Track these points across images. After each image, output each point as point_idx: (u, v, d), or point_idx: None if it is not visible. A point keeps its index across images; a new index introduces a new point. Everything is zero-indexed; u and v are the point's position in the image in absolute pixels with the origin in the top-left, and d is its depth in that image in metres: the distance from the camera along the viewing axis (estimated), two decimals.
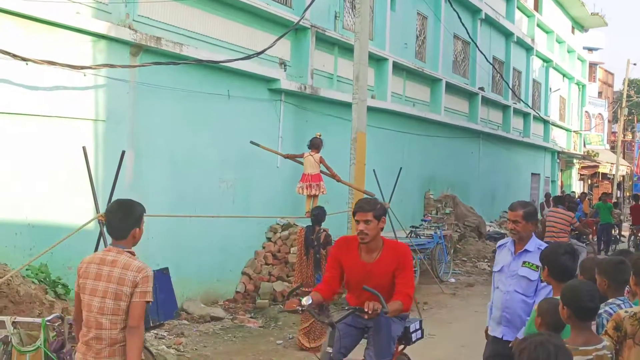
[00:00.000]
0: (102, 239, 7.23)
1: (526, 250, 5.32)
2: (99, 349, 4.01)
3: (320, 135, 11.55)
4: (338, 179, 11.74)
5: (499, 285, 5.54)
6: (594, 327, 3.91)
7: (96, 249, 7.26)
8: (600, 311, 4.12)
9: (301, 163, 11.55)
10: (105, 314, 4.01)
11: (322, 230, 9.44)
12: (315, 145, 11.34)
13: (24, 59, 8.44)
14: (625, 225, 25.95)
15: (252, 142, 11.74)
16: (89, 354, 4.04)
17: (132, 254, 4.16)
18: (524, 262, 5.29)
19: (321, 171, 11.50)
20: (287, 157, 11.94)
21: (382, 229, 5.29)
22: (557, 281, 4.34)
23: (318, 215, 9.56)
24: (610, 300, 4.36)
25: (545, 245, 5.04)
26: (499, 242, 5.75)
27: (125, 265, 4.06)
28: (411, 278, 5.39)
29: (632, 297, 4.50)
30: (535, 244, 5.32)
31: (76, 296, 4.20)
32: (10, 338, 5.16)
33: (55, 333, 5.48)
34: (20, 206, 8.58)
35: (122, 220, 4.18)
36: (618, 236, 23.64)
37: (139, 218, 4.27)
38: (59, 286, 8.41)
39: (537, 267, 5.02)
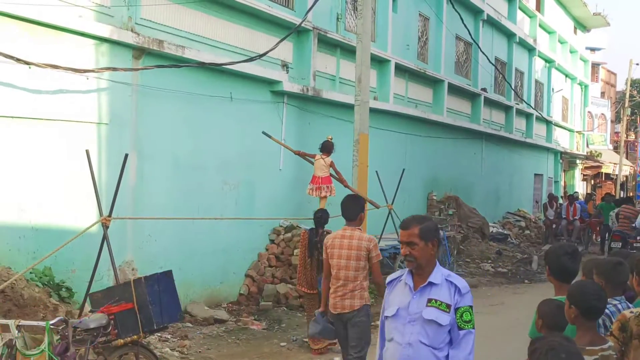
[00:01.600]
0: (105, 242, 7.24)
1: (431, 284, 4.00)
2: (344, 292, 6.43)
3: (331, 139, 11.63)
4: (345, 185, 11.82)
5: (394, 335, 4.06)
6: None
7: (100, 253, 7.28)
8: None
9: (311, 162, 11.60)
10: (349, 269, 6.43)
11: (325, 233, 9.45)
12: (326, 148, 11.49)
13: (27, 63, 8.45)
14: None
15: (264, 133, 11.84)
16: (338, 295, 6.46)
17: (360, 230, 6.67)
18: (430, 301, 3.95)
19: (330, 174, 11.56)
20: (297, 153, 12.03)
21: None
22: (558, 281, 4.34)
23: (321, 217, 9.59)
24: (611, 301, 4.36)
25: (456, 276, 4.09)
26: (390, 277, 4.26)
27: (359, 237, 6.51)
28: None
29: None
30: (442, 274, 4.02)
31: (325, 261, 6.64)
32: (15, 342, 5.16)
33: (59, 336, 5.48)
34: (24, 209, 8.58)
35: (353, 207, 6.70)
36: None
37: (363, 206, 7.01)
38: (63, 289, 8.42)
39: (448, 306, 3.89)
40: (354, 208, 6.71)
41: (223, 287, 11.80)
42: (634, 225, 13.79)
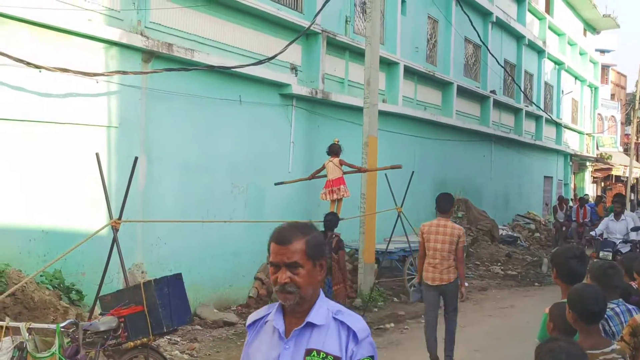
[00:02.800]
0: (115, 245, 7.26)
1: (311, 326, 2.72)
2: (441, 269, 8.28)
3: (338, 141, 11.68)
4: (364, 170, 11.98)
5: None
6: None
7: (109, 256, 7.29)
8: None
9: (325, 175, 11.65)
10: (444, 251, 8.25)
11: (334, 236, 9.48)
12: (334, 151, 11.54)
13: (37, 67, 8.50)
14: None
15: (276, 184, 12.00)
16: (437, 271, 8.29)
17: (452, 220, 8.73)
18: (310, 353, 2.67)
19: (345, 172, 11.58)
20: (311, 177, 12.08)
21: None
22: (565, 284, 4.32)
23: (331, 221, 9.62)
24: (613, 304, 4.34)
25: (349, 312, 2.77)
26: (250, 318, 2.93)
27: (452, 226, 8.41)
28: None
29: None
30: (327, 311, 2.73)
31: (421, 244, 8.49)
32: (26, 344, 5.18)
33: (69, 339, 5.50)
34: (35, 213, 8.63)
35: (445, 202, 8.57)
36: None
37: (453, 202, 8.82)
38: (73, 292, 8.46)
39: (337, 358, 2.63)
40: (446, 203, 8.62)
41: (232, 289, 11.82)
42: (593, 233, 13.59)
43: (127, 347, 5.89)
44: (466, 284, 9.15)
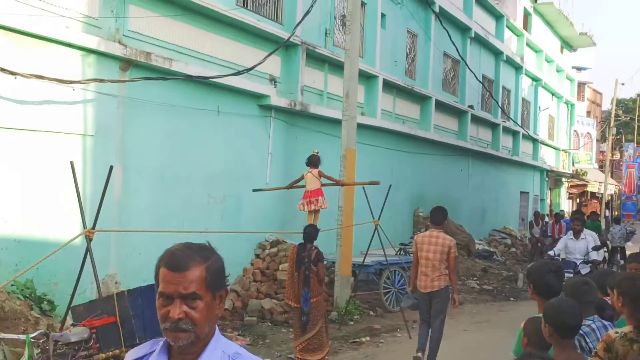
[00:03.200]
0: (88, 255, 7.18)
1: None
2: (432, 277, 8.83)
3: (317, 152, 11.69)
4: (342, 184, 11.98)
5: None
6: None
7: (82, 265, 7.21)
8: None
9: (303, 186, 11.64)
10: (435, 260, 8.80)
11: (313, 248, 9.44)
12: (313, 162, 11.53)
13: (12, 73, 8.43)
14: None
15: (254, 190, 11.99)
16: (428, 279, 8.85)
17: (444, 232, 9.20)
18: None
19: (324, 184, 11.59)
20: (289, 186, 12.05)
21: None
22: (541, 298, 4.33)
23: (310, 233, 9.57)
24: (587, 321, 4.35)
25: (248, 356, 2.26)
26: (129, 356, 2.43)
27: (443, 237, 8.93)
28: None
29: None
30: (221, 353, 2.23)
31: (414, 254, 9.10)
32: None
33: (40, 350, 5.43)
34: (7, 221, 8.52)
35: (439, 215, 9.08)
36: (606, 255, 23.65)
37: (446, 215, 9.31)
38: (45, 302, 8.34)
39: None
40: (439, 216, 9.19)
41: None
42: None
43: (99, 359, 5.82)
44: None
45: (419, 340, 9.22)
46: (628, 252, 22.28)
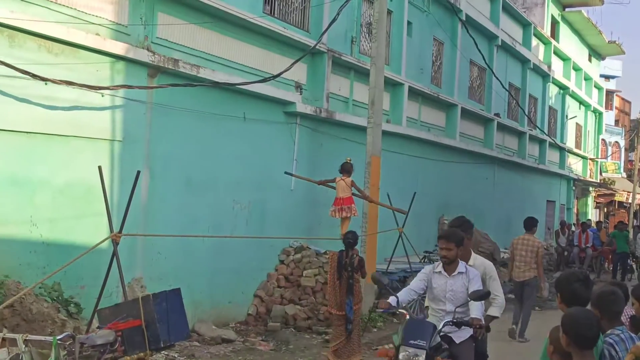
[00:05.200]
0: (115, 258, 7.24)
1: None
2: (524, 269, 11.99)
3: (350, 160, 11.64)
4: (370, 200, 11.91)
5: None
6: None
7: (109, 269, 7.28)
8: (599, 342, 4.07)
9: (333, 188, 11.61)
10: (526, 257, 11.95)
11: (354, 255, 9.36)
12: (346, 169, 11.50)
13: (43, 79, 8.52)
14: None
15: (286, 173, 11.97)
16: (520, 271, 12.06)
17: (534, 235, 12.55)
18: None
19: (353, 194, 11.56)
20: (320, 183, 12.04)
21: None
22: (568, 305, 4.29)
23: (351, 239, 9.50)
24: (609, 331, 4.30)
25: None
26: None
27: (533, 240, 12.21)
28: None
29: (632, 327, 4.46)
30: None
31: (511, 252, 12.42)
32: (22, 356, 5.15)
33: (66, 352, 5.47)
34: (36, 224, 8.61)
35: (530, 223, 12.53)
36: (634, 265, 23.33)
37: (536, 223, 12.80)
38: (71, 305, 8.42)
39: None
40: (530, 224, 12.65)
41: (231, 306, 11.77)
42: None
43: None
44: (546, 283, 13.96)
45: (513, 316, 12.20)
46: None
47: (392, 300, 6.05)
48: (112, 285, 8.18)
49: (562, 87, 32.09)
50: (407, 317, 5.94)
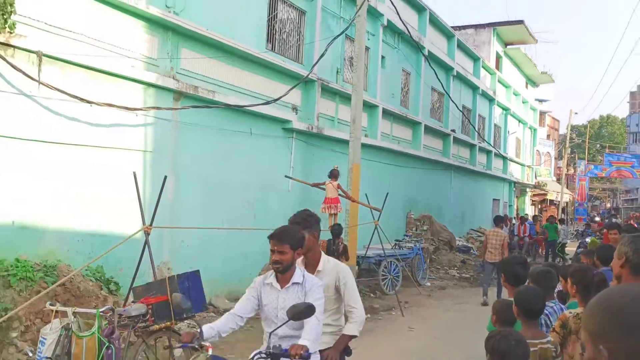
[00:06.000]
0: (147, 246, 7.20)
1: None
2: (495, 253, 12.66)
3: (337, 167, 11.72)
4: (353, 200, 11.91)
5: None
6: None
7: (142, 255, 7.24)
8: None
9: (323, 189, 11.69)
10: (497, 245, 12.71)
11: (340, 242, 9.44)
12: (334, 175, 11.65)
13: (88, 102, 8.51)
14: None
15: (286, 176, 11.96)
16: (492, 254, 12.67)
17: (503, 229, 13.69)
18: None
19: (339, 195, 11.60)
20: (313, 185, 12.13)
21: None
22: (512, 286, 4.30)
23: (338, 230, 9.58)
24: (550, 303, 4.32)
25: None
26: None
27: (501, 233, 12.96)
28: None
29: (559, 300, 4.51)
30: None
31: (485, 240, 13.20)
32: (71, 325, 5.13)
33: (107, 322, 5.45)
34: (83, 218, 8.59)
35: (498, 220, 13.51)
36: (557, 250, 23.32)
37: (504, 219, 14.59)
38: (111, 284, 8.38)
39: None
40: (499, 220, 13.66)
41: (241, 284, 11.70)
42: None
43: (154, 329, 5.83)
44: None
45: (483, 292, 12.93)
46: (567, 249, 22.05)
47: (202, 330, 3.76)
48: (144, 267, 8.13)
49: (505, 109, 32.22)
50: (210, 352, 3.67)
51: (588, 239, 16.80)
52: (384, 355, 8.43)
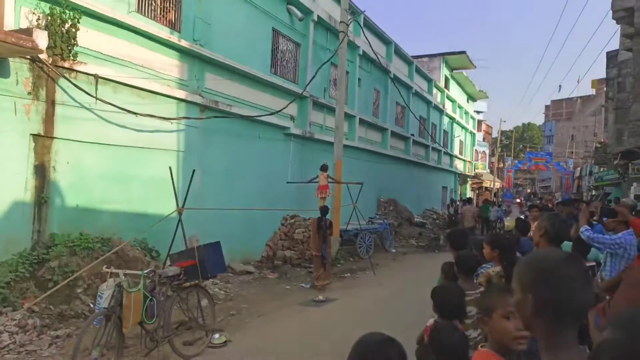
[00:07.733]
0: (180, 223, 7.16)
1: None
2: (470, 220, 15.21)
3: (326, 163, 11.79)
4: (339, 182, 12.12)
5: None
6: None
7: (176, 229, 7.20)
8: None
9: (317, 182, 11.73)
10: (470, 216, 15.44)
11: (327, 220, 9.45)
12: (324, 168, 11.71)
13: (134, 113, 8.43)
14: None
15: (288, 182, 11.95)
16: (468, 223, 14.59)
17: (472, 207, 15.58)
18: None
19: (329, 182, 11.67)
20: (309, 182, 12.14)
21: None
22: (454, 250, 4.31)
23: (325, 210, 9.59)
24: (483, 265, 4.34)
25: None
26: None
27: (473, 208, 15.65)
28: None
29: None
30: None
31: (462, 213, 14.65)
32: (122, 283, 5.10)
33: (150, 280, 5.42)
34: (131, 202, 8.53)
35: (469, 201, 16.51)
36: (497, 227, 23.48)
37: (471, 201, 16.54)
38: (153, 252, 8.35)
39: None
40: (469, 201, 14.97)
41: (252, 251, 11.72)
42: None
43: (185, 286, 5.81)
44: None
45: None
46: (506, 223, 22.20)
47: None
48: (178, 240, 8.12)
49: (451, 118, 32.24)
50: None
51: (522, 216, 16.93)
52: (362, 302, 8.49)
